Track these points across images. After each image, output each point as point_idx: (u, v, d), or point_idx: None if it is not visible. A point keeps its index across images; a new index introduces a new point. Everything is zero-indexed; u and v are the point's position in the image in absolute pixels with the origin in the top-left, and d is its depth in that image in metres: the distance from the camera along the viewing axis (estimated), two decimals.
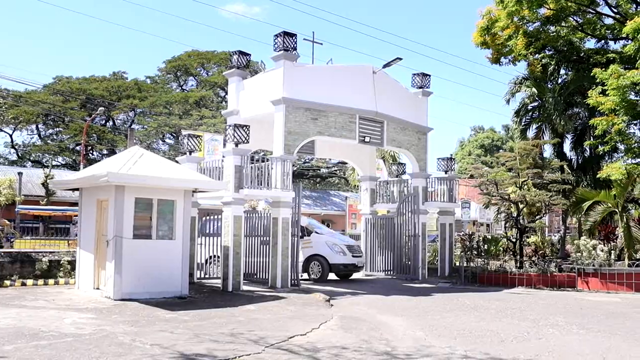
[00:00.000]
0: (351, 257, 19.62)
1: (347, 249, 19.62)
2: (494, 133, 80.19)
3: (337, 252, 19.33)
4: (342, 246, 19.54)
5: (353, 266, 19.93)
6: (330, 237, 20.30)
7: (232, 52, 19.18)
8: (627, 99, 18.21)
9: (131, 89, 52.03)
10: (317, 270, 19.35)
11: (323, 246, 19.36)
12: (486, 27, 23.87)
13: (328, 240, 19.60)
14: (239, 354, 8.21)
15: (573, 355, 8.73)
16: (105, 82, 52.71)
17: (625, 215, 19.10)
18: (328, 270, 19.26)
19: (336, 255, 19.29)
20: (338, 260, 19.30)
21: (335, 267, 19.41)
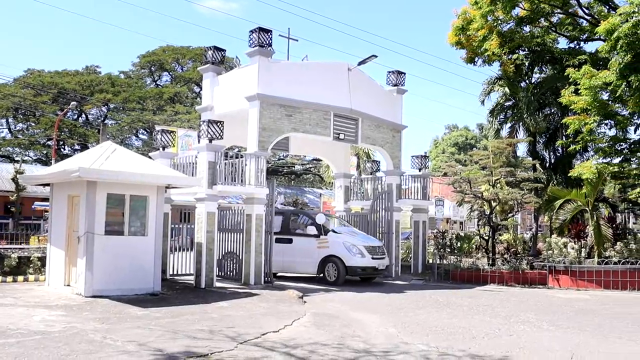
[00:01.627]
0: (371, 260, 17.83)
1: (367, 250, 17.89)
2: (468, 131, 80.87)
3: (355, 253, 17.64)
4: (360, 247, 17.79)
5: (373, 269, 18.06)
6: (349, 236, 18.45)
7: (207, 48, 19.05)
8: (599, 99, 18.43)
9: (104, 83, 51.46)
10: (334, 272, 17.75)
11: (339, 247, 17.78)
12: (461, 27, 23.98)
13: (345, 241, 17.96)
14: (212, 351, 8.17)
15: (543, 351, 8.83)
16: (77, 76, 52.05)
17: (595, 213, 19.35)
18: (344, 273, 17.61)
19: (353, 257, 17.58)
20: (355, 262, 17.58)
21: (351, 270, 17.65)
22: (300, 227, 18.82)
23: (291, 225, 18.89)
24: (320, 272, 17.99)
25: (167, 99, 49.93)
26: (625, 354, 8.78)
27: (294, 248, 18.40)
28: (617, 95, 17.66)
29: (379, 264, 18.16)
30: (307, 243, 18.12)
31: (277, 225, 18.37)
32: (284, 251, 18.31)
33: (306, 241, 18.16)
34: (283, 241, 18.35)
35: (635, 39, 16.40)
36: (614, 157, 19.43)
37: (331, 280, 17.65)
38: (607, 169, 18.93)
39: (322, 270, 17.96)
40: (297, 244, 18.40)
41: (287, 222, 18.91)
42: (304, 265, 18.34)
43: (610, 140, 19.73)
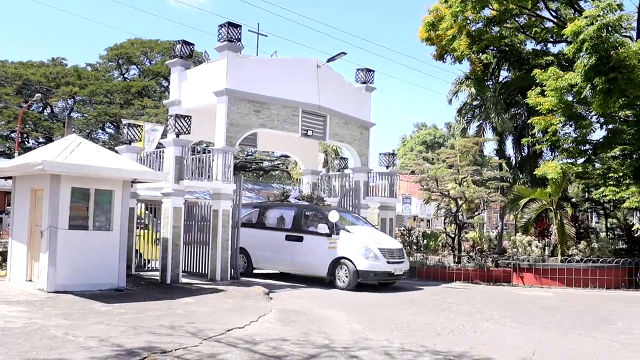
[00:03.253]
0: (386, 264, 16.24)
1: (382, 253, 16.27)
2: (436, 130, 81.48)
3: (368, 256, 16.05)
4: (375, 250, 16.16)
5: (388, 275, 16.49)
6: (364, 237, 16.80)
7: (175, 42, 18.87)
8: (564, 100, 18.73)
9: (71, 75, 50.60)
10: (345, 276, 16.22)
11: (351, 248, 16.25)
12: (432, 23, 24.13)
13: (359, 242, 16.39)
14: (176, 347, 8.10)
15: (506, 348, 8.95)
16: (43, 67, 51.10)
17: (559, 212, 19.67)
18: (356, 278, 16.02)
19: (365, 261, 15.98)
20: (367, 266, 15.98)
21: (364, 275, 16.05)
22: (312, 224, 17.44)
23: (303, 222, 17.59)
24: (330, 274, 16.55)
25: (135, 93, 49.33)
26: (586, 350, 8.94)
27: (305, 247, 17.16)
28: (582, 97, 17.95)
29: (395, 269, 16.53)
30: (318, 243, 16.83)
31: (289, 221, 17.80)
32: (294, 250, 17.30)
33: (317, 240, 16.87)
34: (293, 239, 17.37)
35: (599, 41, 16.70)
36: (578, 158, 19.76)
37: (342, 285, 16.15)
38: (571, 169, 19.25)
39: (332, 273, 16.52)
40: (307, 243, 17.12)
41: (299, 218, 17.64)
42: (314, 266, 17.00)
43: (574, 141, 20.04)
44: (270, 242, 17.87)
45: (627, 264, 18.30)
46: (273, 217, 18.51)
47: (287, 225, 17.75)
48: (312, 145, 22.31)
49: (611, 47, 16.83)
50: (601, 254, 18.90)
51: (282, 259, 17.44)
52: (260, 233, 18.26)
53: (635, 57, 16.85)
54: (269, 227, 18.27)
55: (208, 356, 7.75)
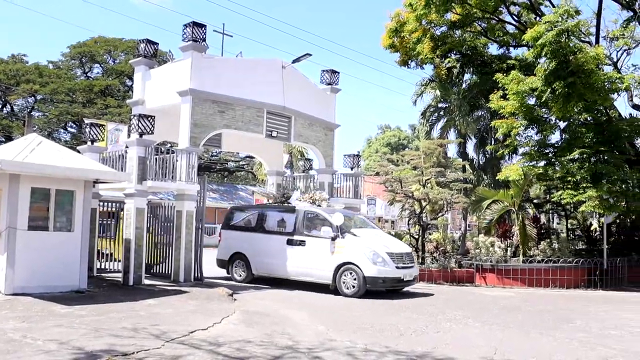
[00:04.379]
0: (395, 269, 15.25)
1: (391, 258, 15.27)
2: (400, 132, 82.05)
3: (376, 261, 15.03)
4: (383, 254, 15.18)
5: (397, 281, 15.47)
6: (371, 240, 15.91)
7: (139, 41, 18.69)
8: (526, 104, 19.00)
9: (31, 73, 49.58)
10: (352, 282, 15.16)
11: (358, 253, 15.26)
12: (395, 29, 24.30)
13: (366, 246, 15.43)
14: (138, 349, 8.02)
15: (468, 347, 9.05)
16: (2, 64, 50.00)
17: (521, 214, 19.96)
18: (363, 284, 14.97)
19: (373, 266, 14.96)
20: (375, 272, 14.95)
21: (371, 281, 14.98)
22: (315, 227, 16.42)
23: (305, 225, 16.51)
24: (334, 280, 15.53)
25: (98, 92, 48.59)
26: (546, 349, 9.09)
27: (307, 252, 16.12)
28: (542, 101, 18.24)
29: (405, 275, 15.53)
30: (322, 247, 15.81)
31: (290, 224, 16.77)
32: (296, 255, 16.32)
33: (321, 244, 15.86)
34: (295, 243, 16.37)
35: (559, 47, 16.99)
36: (539, 160, 20.06)
37: (349, 293, 15.07)
38: (533, 171, 19.55)
39: (336, 279, 15.49)
40: (310, 247, 16.09)
41: (301, 221, 16.58)
42: (317, 272, 15.90)
43: (536, 144, 20.36)
44: (271, 246, 16.93)
45: (586, 264, 18.66)
46: (273, 220, 17.43)
47: (288, 228, 16.74)
48: (277, 146, 22.27)
49: (570, 53, 17.13)
50: (561, 255, 19.25)
51: (283, 264, 16.48)
52: (259, 237, 17.37)
53: (593, 62, 17.18)
54: (268, 231, 17.29)
55: (170, 358, 7.69)
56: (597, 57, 17.35)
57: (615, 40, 20.85)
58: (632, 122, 20.24)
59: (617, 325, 11.42)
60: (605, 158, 18.92)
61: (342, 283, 15.32)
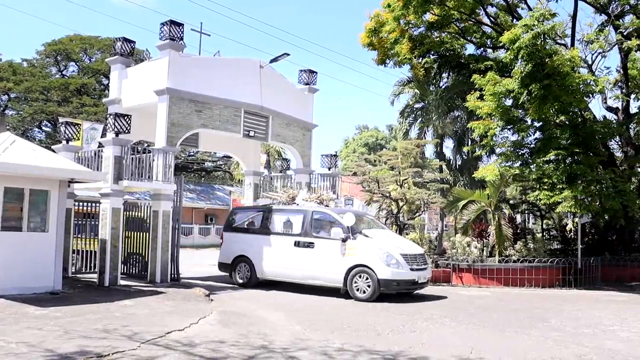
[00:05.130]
0: (409, 271, 14.67)
1: (405, 260, 14.70)
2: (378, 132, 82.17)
3: (390, 263, 14.47)
4: (397, 255, 14.61)
5: (411, 283, 14.93)
6: (384, 241, 15.35)
7: (116, 39, 18.52)
8: (502, 105, 19.13)
9: (5, 71, 48.88)
10: (365, 286, 14.52)
11: (370, 255, 14.64)
12: (374, 29, 24.35)
13: (379, 247, 14.83)
14: (112, 351, 7.95)
15: (444, 346, 9.09)
16: None
17: (497, 214, 20.10)
18: (378, 287, 14.37)
19: (387, 268, 14.38)
20: (389, 274, 14.36)
21: (385, 284, 14.38)
22: (324, 228, 15.78)
23: (314, 226, 15.78)
24: (345, 284, 14.87)
25: (74, 90, 48.08)
26: (521, 347, 9.16)
27: (316, 254, 15.43)
28: (519, 102, 18.39)
29: (419, 277, 14.99)
30: (332, 249, 15.15)
31: (297, 225, 16.08)
32: (304, 257, 15.62)
33: (331, 246, 15.19)
34: (303, 245, 15.68)
35: (535, 49, 17.12)
36: (515, 161, 20.21)
37: (362, 296, 14.44)
38: (509, 172, 19.70)
39: (347, 282, 14.81)
40: (319, 249, 15.41)
41: (309, 222, 15.85)
42: (327, 275, 15.25)
43: (512, 145, 20.53)
44: (277, 249, 16.25)
45: (560, 263, 18.85)
46: (279, 221, 16.64)
47: (296, 230, 16.06)
48: (254, 146, 22.23)
49: (546, 55, 17.29)
50: (537, 254, 19.42)
51: (290, 267, 15.83)
52: (264, 239, 16.58)
53: (569, 64, 17.35)
54: (274, 233, 16.50)
55: (145, 359, 7.63)
56: (572, 60, 17.53)
57: (590, 44, 21.06)
58: (606, 124, 20.50)
59: (590, 324, 11.56)
60: (580, 159, 19.12)
61: (354, 286, 14.65)
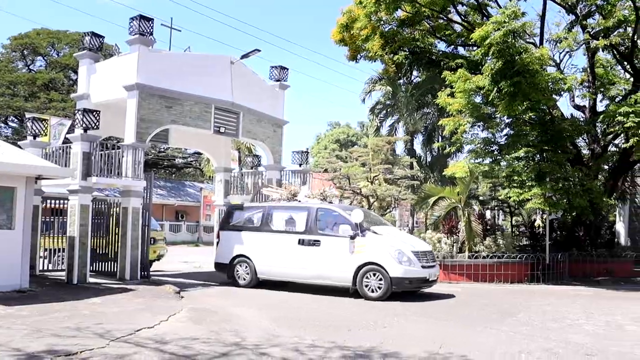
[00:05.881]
0: (421, 269, 14.28)
1: (417, 257, 14.33)
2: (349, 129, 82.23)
3: (402, 261, 14.04)
4: (408, 253, 14.21)
5: (423, 281, 14.51)
6: (395, 238, 15.03)
7: (84, 33, 18.26)
8: (472, 102, 19.30)
9: None
10: (376, 284, 14.07)
11: (381, 252, 14.21)
12: (346, 24, 24.39)
13: (390, 244, 14.42)
14: (82, 349, 7.85)
15: (414, 341, 9.15)
16: None
17: (467, 210, 20.29)
18: (390, 285, 13.95)
19: (399, 266, 13.96)
20: (402, 272, 13.95)
21: (397, 282, 13.96)
22: (329, 225, 15.30)
23: (318, 224, 15.26)
24: (354, 283, 14.39)
25: (41, 85, 47.37)
26: (490, 342, 9.26)
27: (322, 252, 14.87)
28: (489, 99, 18.57)
29: (430, 274, 14.62)
30: (340, 246, 14.65)
31: (301, 223, 15.51)
32: (309, 256, 15.05)
33: (338, 244, 14.69)
34: (308, 243, 15.10)
35: (505, 47, 17.30)
36: (485, 158, 20.41)
37: (373, 295, 14.00)
38: (479, 168, 19.89)
39: (357, 280, 14.33)
40: (325, 247, 14.86)
41: (313, 219, 15.29)
42: (335, 274, 14.73)
43: (482, 142, 20.72)
44: (279, 247, 15.64)
45: (529, 259, 19.09)
46: (280, 219, 16.10)
47: (299, 227, 15.48)
48: (225, 143, 22.13)
49: (516, 53, 17.47)
50: (506, 250, 19.65)
51: (294, 266, 15.27)
52: (265, 237, 16.01)
53: (538, 62, 17.57)
54: (276, 231, 15.94)
55: (115, 357, 7.56)
56: (541, 58, 17.75)
57: (559, 43, 21.37)
58: (574, 122, 20.83)
59: (557, 318, 11.73)
60: (548, 157, 19.38)
61: (365, 285, 14.19)
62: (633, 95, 18.89)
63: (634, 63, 21.04)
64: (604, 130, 21.68)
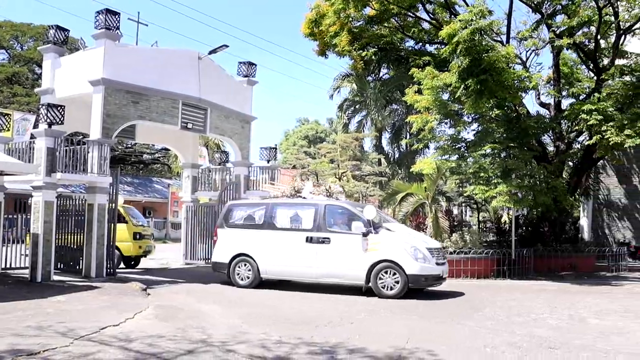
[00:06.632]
0: (435, 266, 14.07)
1: (431, 254, 14.11)
2: (318, 125, 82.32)
3: (417, 257, 13.76)
4: (423, 250, 13.96)
5: (437, 278, 14.28)
6: (409, 235, 14.80)
7: (49, 26, 18.00)
8: (440, 99, 19.46)
9: None
10: (393, 282, 13.78)
11: (397, 249, 13.89)
12: (314, 19, 24.40)
13: (405, 241, 14.13)
14: (44, 348, 7.72)
15: (381, 337, 9.17)
16: None
17: (434, 206, 20.45)
18: (406, 283, 13.71)
19: (415, 263, 13.68)
20: (418, 269, 13.68)
21: (414, 279, 13.73)
22: (338, 223, 14.95)
23: (327, 221, 14.78)
24: (367, 281, 14.08)
25: (4, 79, 46.48)
26: (455, 336, 9.34)
27: (333, 250, 14.43)
28: (456, 96, 18.72)
29: (443, 271, 14.51)
30: (352, 244, 14.26)
31: (308, 220, 15.00)
32: (318, 254, 14.56)
33: (350, 241, 14.30)
34: (316, 241, 14.59)
35: (472, 44, 17.44)
36: (452, 155, 20.58)
37: (390, 293, 13.71)
38: (446, 165, 20.05)
39: (369, 278, 14.02)
40: (336, 245, 14.44)
41: (322, 216, 14.80)
42: (347, 272, 14.34)
43: (449, 139, 20.89)
44: (284, 245, 15.09)
45: (496, 254, 19.28)
46: (285, 216, 15.59)
47: (307, 225, 14.96)
48: (193, 139, 22.02)
49: (483, 51, 17.63)
50: (473, 246, 19.80)
51: (302, 265, 14.78)
52: (269, 236, 15.37)
53: (504, 60, 17.75)
54: (281, 228, 15.36)
55: (79, 356, 7.45)
56: (507, 56, 17.95)
57: (525, 41, 21.63)
58: (539, 120, 21.09)
59: (522, 313, 11.88)
60: (514, 154, 19.61)
61: (380, 283, 13.89)
62: (596, 94, 19.22)
63: (597, 62, 21.39)
64: (569, 127, 22.00)
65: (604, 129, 18.00)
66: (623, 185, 28.01)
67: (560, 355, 8.08)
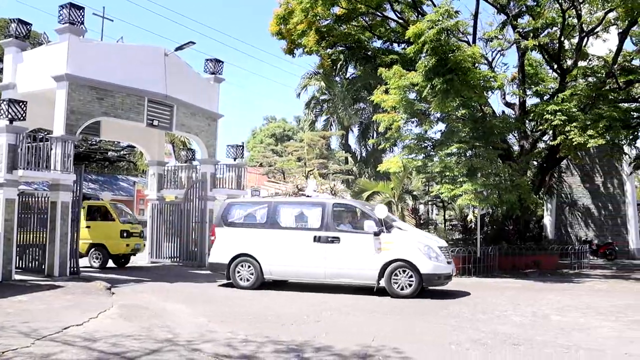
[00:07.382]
0: (446, 264, 14.01)
1: (443, 253, 14.07)
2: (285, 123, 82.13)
3: (431, 256, 13.67)
4: (436, 248, 13.88)
5: (447, 277, 14.19)
6: (421, 234, 14.83)
7: (10, 20, 17.65)
8: (407, 98, 19.58)
9: None
10: (407, 281, 13.63)
11: (411, 248, 13.72)
12: (283, 16, 24.35)
13: (418, 240, 14.00)
14: (4, 349, 7.56)
15: (347, 335, 9.18)
16: None
17: (401, 205, 20.59)
18: (421, 282, 13.59)
19: (429, 262, 13.58)
20: (432, 268, 13.58)
21: (428, 278, 13.63)
22: (347, 222, 14.82)
23: (336, 220, 14.50)
24: (381, 281, 13.93)
25: None
26: (421, 334, 9.40)
27: (342, 250, 14.10)
28: (423, 96, 18.85)
29: (453, 270, 14.53)
30: (363, 243, 13.98)
31: (315, 219, 14.62)
32: (327, 254, 14.20)
33: (361, 240, 14.03)
34: (325, 240, 14.22)
35: (439, 44, 17.58)
36: (419, 154, 20.71)
37: (403, 293, 13.59)
38: (412, 164, 20.19)
39: (381, 277, 13.86)
40: (346, 245, 14.12)
41: (331, 215, 14.42)
42: (359, 272, 14.08)
43: (415, 138, 21.03)
44: (290, 245, 14.64)
45: (461, 252, 19.46)
46: (289, 215, 15.11)
47: (314, 224, 14.60)
48: (159, 136, 21.81)
49: (449, 50, 17.79)
50: None
51: (309, 265, 14.40)
52: (273, 235, 14.85)
53: (470, 60, 17.95)
54: (285, 227, 14.87)
55: (41, 357, 7.31)
56: (473, 56, 18.14)
57: (490, 41, 21.90)
58: (504, 119, 21.37)
59: (486, 310, 12.01)
60: (480, 153, 19.81)
61: (394, 283, 13.70)
62: (560, 94, 19.53)
63: (561, 63, 21.74)
64: (533, 127, 22.31)
65: (567, 129, 18.31)
66: (586, 185, 28.59)
67: (523, 352, 8.19)
